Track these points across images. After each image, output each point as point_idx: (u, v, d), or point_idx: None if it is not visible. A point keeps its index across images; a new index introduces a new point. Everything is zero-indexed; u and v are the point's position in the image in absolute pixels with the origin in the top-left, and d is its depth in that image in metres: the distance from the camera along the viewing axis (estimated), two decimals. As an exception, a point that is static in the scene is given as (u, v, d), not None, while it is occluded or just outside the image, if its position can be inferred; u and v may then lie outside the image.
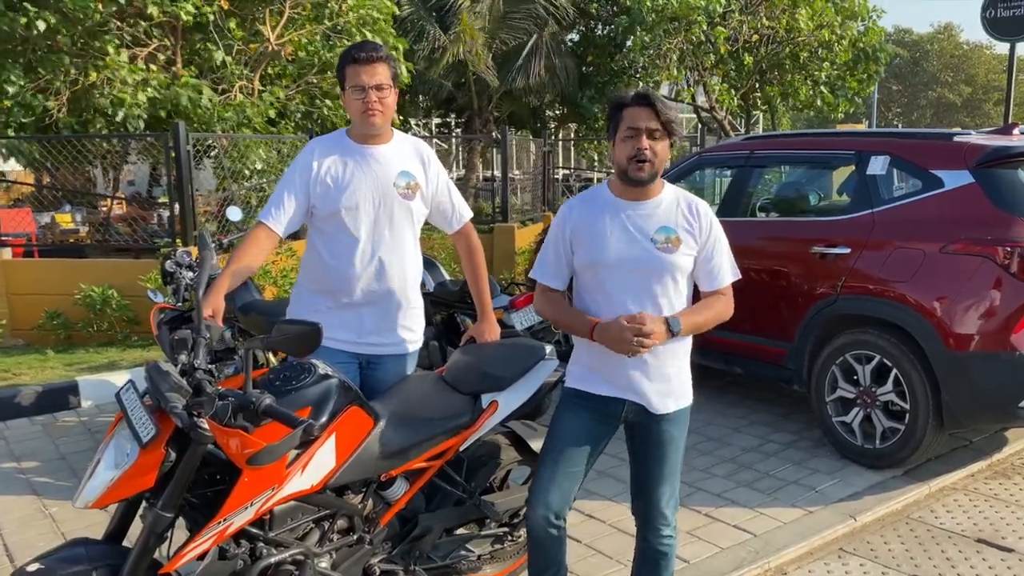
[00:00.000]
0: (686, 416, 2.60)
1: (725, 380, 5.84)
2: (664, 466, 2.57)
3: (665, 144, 2.42)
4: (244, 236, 2.82)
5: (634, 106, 2.40)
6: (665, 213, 2.49)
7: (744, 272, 4.79)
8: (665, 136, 2.41)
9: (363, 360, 2.89)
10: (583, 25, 16.85)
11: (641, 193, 2.48)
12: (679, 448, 2.59)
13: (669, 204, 2.50)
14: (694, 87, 16.36)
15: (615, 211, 2.49)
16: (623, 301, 2.44)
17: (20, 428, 5.04)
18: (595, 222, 2.50)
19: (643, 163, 2.38)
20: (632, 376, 2.48)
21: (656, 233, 2.45)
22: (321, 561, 2.47)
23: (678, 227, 2.47)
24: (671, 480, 2.59)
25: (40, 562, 2.09)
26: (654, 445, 2.55)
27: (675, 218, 2.49)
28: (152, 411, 2.11)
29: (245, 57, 9.70)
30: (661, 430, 2.54)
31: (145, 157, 10.83)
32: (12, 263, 7.21)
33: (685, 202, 2.52)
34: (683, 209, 2.51)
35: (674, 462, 2.59)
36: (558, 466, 2.52)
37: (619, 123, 2.42)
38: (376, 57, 2.71)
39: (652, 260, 2.44)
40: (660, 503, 2.58)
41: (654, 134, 2.39)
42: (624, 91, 2.47)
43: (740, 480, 4.22)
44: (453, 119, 18.26)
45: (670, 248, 2.45)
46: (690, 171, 5.79)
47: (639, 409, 2.52)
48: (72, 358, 6.31)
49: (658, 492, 2.58)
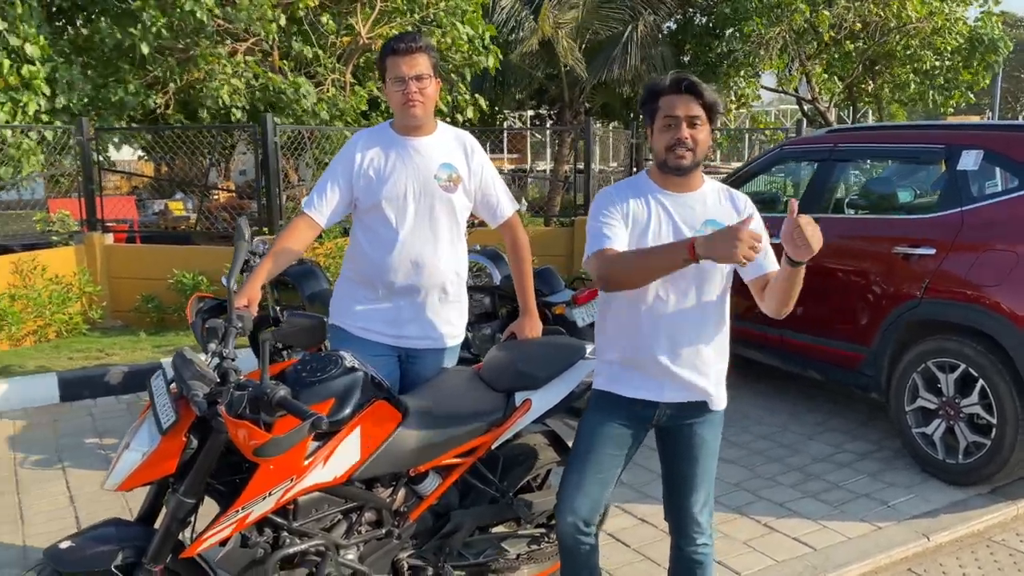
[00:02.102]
0: (719, 420, 2.50)
1: (802, 384, 5.60)
2: (697, 472, 2.47)
3: (707, 132, 2.31)
4: (286, 225, 2.85)
5: (671, 93, 2.28)
6: (712, 205, 2.40)
7: (822, 271, 4.64)
8: (706, 123, 2.30)
9: (402, 353, 2.88)
10: (681, 13, 16.45)
11: (684, 184, 2.38)
12: (713, 452, 2.49)
13: (714, 196, 2.42)
14: (796, 76, 15.73)
15: (658, 201, 2.39)
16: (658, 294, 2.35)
17: (107, 406, 5.32)
18: (638, 210, 2.38)
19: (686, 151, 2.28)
20: (676, 367, 2.38)
21: (703, 226, 2.34)
22: (348, 553, 2.48)
23: (724, 220, 2.35)
24: (705, 486, 2.49)
25: (72, 540, 2.18)
26: (687, 449, 2.46)
27: (719, 210, 2.39)
28: (176, 399, 2.15)
29: (338, 51, 9.92)
30: (694, 433, 2.45)
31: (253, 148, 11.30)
32: (113, 248, 7.60)
33: (727, 194, 2.44)
34: (727, 201, 2.43)
35: (708, 467, 2.48)
36: (586, 472, 2.44)
37: (656, 112, 2.31)
38: (416, 47, 2.68)
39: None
40: (693, 510, 2.48)
41: (695, 121, 2.27)
42: (660, 77, 2.35)
43: (807, 490, 4.01)
44: (546, 110, 18.19)
45: None
46: (770, 164, 5.56)
47: (672, 412, 2.42)
48: (162, 340, 6.61)
49: (691, 499, 2.48)
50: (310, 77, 9.58)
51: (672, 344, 2.37)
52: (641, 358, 2.41)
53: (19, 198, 9.42)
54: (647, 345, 2.38)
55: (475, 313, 5.08)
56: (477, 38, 10.00)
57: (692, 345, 2.38)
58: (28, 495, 3.96)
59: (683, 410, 2.44)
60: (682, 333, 2.37)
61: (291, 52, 9.59)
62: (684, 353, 2.38)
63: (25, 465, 4.33)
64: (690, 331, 2.37)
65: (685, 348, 2.37)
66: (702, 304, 2.38)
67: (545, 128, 19.72)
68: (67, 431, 4.84)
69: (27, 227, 7.97)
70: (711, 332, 2.41)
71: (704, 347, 2.40)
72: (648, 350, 2.38)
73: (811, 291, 4.66)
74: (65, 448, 4.56)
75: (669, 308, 2.35)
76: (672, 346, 2.37)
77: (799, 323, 4.84)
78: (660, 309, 2.36)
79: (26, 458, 4.42)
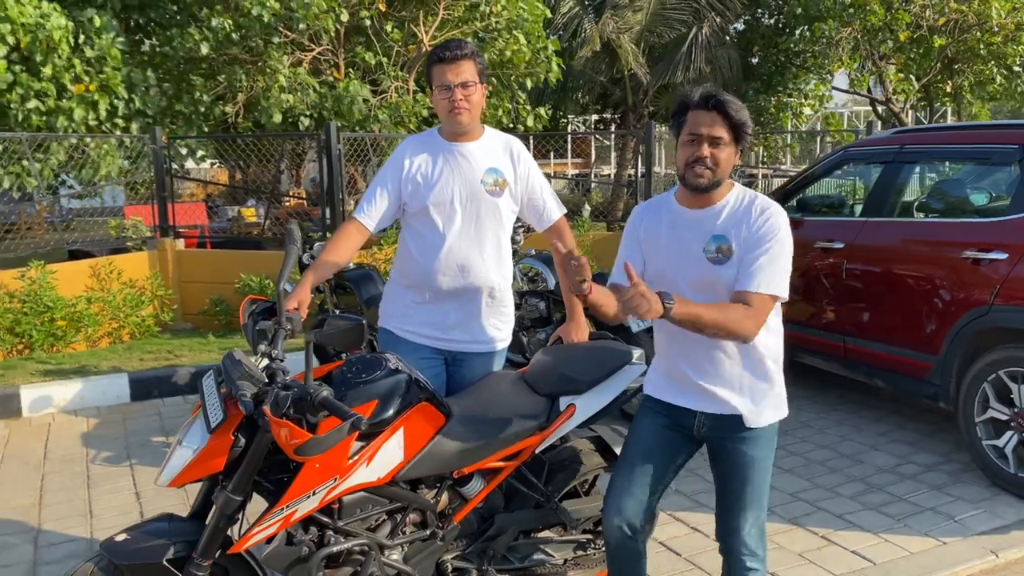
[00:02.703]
0: (767, 437, 2.38)
1: (866, 393, 5.44)
2: (743, 490, 2.37)
3: (730, 151, 2.24)
4: (336, 231, 2.91)
5: (698, 109, 2.23)
6: (724, 220, 2.29)
7: (888, 277, 4.51)
8: (731, 143, 2.23)
9: (448, 356, 2.91)
10: (749, 14, 16.19)
11: (703, 200, 2.32)
12: (761, 471, 2.37)
13: (731, 209, 2.29)
14: (869, 76, 15.30)
15: (673, 218, 2.36)
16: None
17: (174, 405, 5.51)
18: (656, 228, 2.38)
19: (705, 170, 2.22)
20: (703, 382, 2.34)
21: (708, 243, 2.28)
22: (392, 553, 2.51)
23: (732, 235, 2.26)
24: (753, 507, 2.38)
25: (128, 533, 2.26)
26: (732, 466, 2.38)
27: (733, 225, 2.27)
28: (224, 398, 2.21)
29: (402, 59, 10.08)
30: (737, 449, 2.36)
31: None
32: (184, 253, 7.87)
33: (748, 205, 2.29)
34: (742, 212, 2.28)
35: (755, 486, 2.37)
36: (633, 474, 2.43)
37: (682, 125, 2.28)
38: (461, 55, 2.71)
39: (702, 272, 2.29)
40: (741, 532, 2.39)
41: (717, 142, 2.21)
42: (691, 90, 2.29)
43: (868, 502, 3.89)
44: (610, 114, 18.11)
45: (720, 258, 2.26)
46: (834, 167, 5.41)
47: (710, 424, 2.37)
48: (228, 343, 6.80)
49: (738, 520, 2.39)
50: (374, 85, 9.76)
51: (690, 358, 2.35)
52: (673, 367, 2.41)
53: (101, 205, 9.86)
54: (674, 356, 2.39)
55: (530, 318, 5.09)
56: (541, 48, 10.03)
57: (712, 359, 2.32)
58: (97, 490, 4.13)
59: (721, 423, 2.37)
60: (696, 348, 2.32)
61: (356, 60, 9.78)
62: (705, 367, 2.33)
63: (96, 462, 4.51)
64: (705, 346, 2.30)
65: (704, 362, 2.33)
66: None
67: (608, 132, 19.61)
68: (136, 429, 5.02)
69: (106, 233, 8.32)
70: (733, 347, 2.30)
71: (728, 361, 2.31)
72: (676, 360, 2.38)
73: (876, 297, 4.55)
74: (133, 446, 4.74)
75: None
76: (691, 359, 2.35)
77: (863, 330, 4.72)
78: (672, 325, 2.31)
79: (97, 455, 4.61)
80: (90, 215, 10.82)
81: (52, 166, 7.87)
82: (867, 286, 4.69)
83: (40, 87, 7.92)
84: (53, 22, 7.76)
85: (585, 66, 13.89)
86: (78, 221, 13.09)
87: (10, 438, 4.93)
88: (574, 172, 24.80)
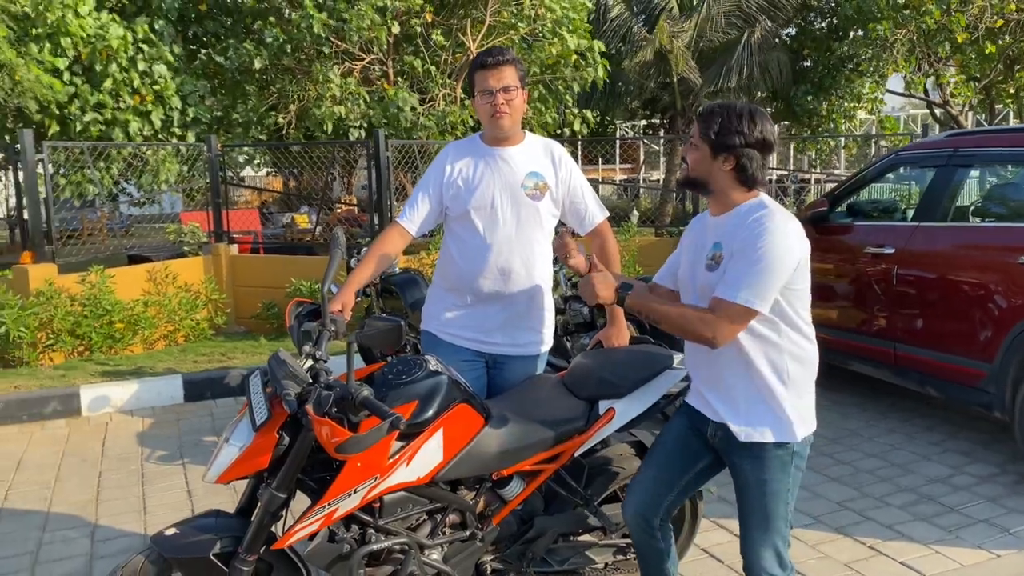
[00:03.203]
0: (778, 458, 2.24)
1: (920, 402, 5.32)
2: (753, 514, 2.29)
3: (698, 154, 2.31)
4: (379, 234, 2.97)
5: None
6: (726, 226, 2.26)
7: (940, 283, 4.41)
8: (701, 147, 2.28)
9: (489, 359, 2.94)
10: (801, 18, 15.96)
11: (723, 205, 2.30)
12: (769, 495, 2.25)
13: (735, 217, 2.25)
14: (925, 79, 14.95)
15: (701, 227, 2.41)
16: None
17: (226, 406, 5.64)
18: (688, 237, 2.46)
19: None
20: (704, 389, 2.36)
21: (710, 250, 2.28)
22: (432, 553, 2.54)
23: (728, 241, 2.22)
24: (763, 529, 2.28)
25: (177, 527, 2.33)
26: (741, 486, 2.32)
27: (731, 231, 2.22)
28: (270, 397, 2.27)
29: (450, 67, 10.18)
30: (744, 469, 2.29)
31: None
32: (238, 258, 8.06)
33: (748, 210, 2.23)
34: (741, 219, 2.23)
35: (765, 511, 2.26)
36: (652, 471, 2.47)
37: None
38: (503, 60, 2.74)
39: (701, 277, 2.30)
40: (755, 552, 2.31)
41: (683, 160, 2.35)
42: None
43: (918, 513, 3.81)
44: (659, 119, 18.01)
45: (713, 266, 2.24)
46: (885, 171, 5.32)
47: (722, 435, 2.32)
48: (279, 345, 6.94)
49: (749, 541, 2.33)
50: (423, 93, 9.88)
51: (698, 366, 2.38)
52: (693, 373, 2.44)
53: (160, 212, 10.16)
54: (691, 364, 2.44)
55: (574, 323, 5.08)
56: (587, 50, 10.05)
57: (714, 369, 2.31)
58: (151, 487, 4.25)
59: (728, 436, 2.30)
60: (704, 357, 2.32)
61: (405, 69, 9.92)
62: (709, 375, 2.34)
63: (150, 460, 4.65)
64: (709, 355, 2.28)
65: (707, 370, 2.34)
66: None
67: (657, 137, 19.50)
68: (188, 429, 5.16)
69: (164, 239, 8.58)
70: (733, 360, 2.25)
71: (727, 372, 2.27)
72: (693, 367, 2.43)
73: (928, 303, 4.45)
74: (186, 445, 4.87)
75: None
76: (699, 368, 2.37)
77: (914, 336, 4.62)
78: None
79: (151, 453, 4.75)
80: (149, 221, 11.14)
81: (112, 174, 8.15)
82: (919, 292, 4.59)
83: (98, 98, 8.21)
84: (112, 32, 8.03)
85: (634, 71, 13.84)
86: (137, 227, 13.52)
87: (70, 436, 5.11)
88: (622, 178, 24.70)
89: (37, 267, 6.51)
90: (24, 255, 6.74)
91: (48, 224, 6.76)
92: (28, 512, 3.97)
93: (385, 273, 5.04)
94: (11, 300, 6.13)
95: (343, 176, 16.79)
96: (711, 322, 2.15)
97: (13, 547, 3.61)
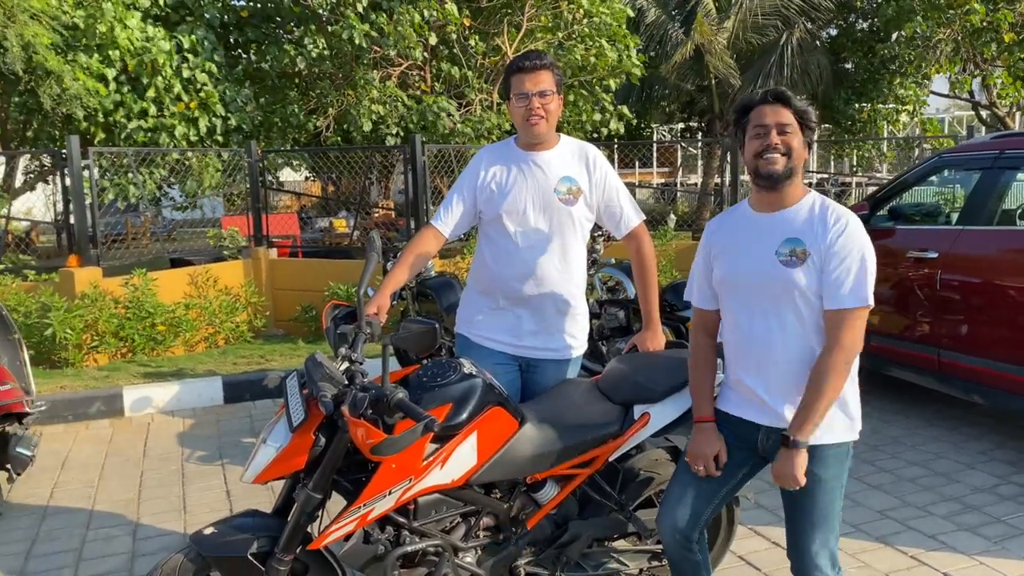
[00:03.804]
0: (838, 456, 2.27)
1: (964, 409, 5.21)
2: (811, 512, 2.29)
3: (800, 139, 2.23)
4: (414, 236, 2.99)
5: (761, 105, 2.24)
6: (797, 222, 2.24)
7: (986, 287, 4.31)
8: (799, 132, 2.22)
9: (523, 363, 2.94)
10: (842, 19, 15.74)
11: (775, 201, 2.27)
12: (828, 491, 2.27)
13: (804, 213, 2.25)
14: (970, 79, 14.64)
15: (746, 223, 2.33)
16: (744, 319, 2.30)
17: (264, 408, 5.72)
18: (728, 237, 2.37)
19: (776, 155, 2.20)
20: (767, 396, 2.29)
21: (782, 245, 2.23)
22: (466, 556, 2.54)
23: (807, 237, 2.21)
24: (821, 528, 2.29)
25: (215, 527, 2.36)
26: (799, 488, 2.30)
27: (805, 228, 2.23)
28: (306, 399, 2.30)
29: (486, 71, 10.22)
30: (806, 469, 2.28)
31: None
32: (277, 262, 8.17)
33: (823, 209, 2.24)
34: (817, 217, 2.23)
35: (824, 508, 2.28)
36: (689, 484, 2.41)
37: (746, 126, 2.27)
38: (540, 64, 2.74)
39: (773, 274, 2.23)
40: (810, 550, 2.31)
41: (785, 128, 2.20)
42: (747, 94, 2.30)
43: (962, 523, 3.72)
44: (696, 122, 17.88)
45: (794, 261, 2.21)
46: (928, 174, 5.21)
47: (776, 440, 2.28)
48: (317, 348, 7.01)
49: (805, 541, 2.31)
50: (459, 97, 9.93)
51: (759, 370, 2.30)
52: (739, 380, 2.37)
53: (202, 217, 10.36)
54: (740, 369, 2.35)
55: (609, 327, 5.07)
56: (624, 51, 10.02)
57: (780, 373, 2.26)
58: (191, 487, 4.32)
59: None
60: (768, 360, 2.27)
61: (441, 73, 9.98)
62: (770, 381, 2.28)
63: (190, 460, 4.73)
64: (776, 359, 2.25)
65: (770, 376, 2.28)
66: (787, 331, 2.24)
67: (695, 140, 19.35)
68: (227, 430, 5.24)
69: (205, 243, 8.73)
70: (802, 360, 2.23)
71: (793, 376, 2.24)
72: (742, 374, 2.34)
73: (973, 308, 4.36)
74: (225, 446, 4.94)
75: (755, 333, 2.28)
76: (759, 372, 2.29)
77: (959, 343, 4.53)
78: (746, 334, 2.30)
79: (192, 453, 4.83)
80: (191, 226, 11.34)
81: (156, 180, 8.31)
82: (963, 297, 4.49)
83: (142, 106, 8.39)
84: (157, 45, 8.21)
85: (671, 73, 13.76)
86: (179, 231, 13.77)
87: (113, 436, 5.21)
88: (659, 181, 24.57)
89: (83, 270, 6.67)
90: (70, 259, 6.90)
91: (93, 228, 6.91)
92: (73, 510, 4.06)
93: (420, 276, 5.07)
94: (58, 302, 6.29)
95: (380, 181, 16.94)
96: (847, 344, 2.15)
97: (59, 543, 3.70)
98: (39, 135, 9.57)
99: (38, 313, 6.34)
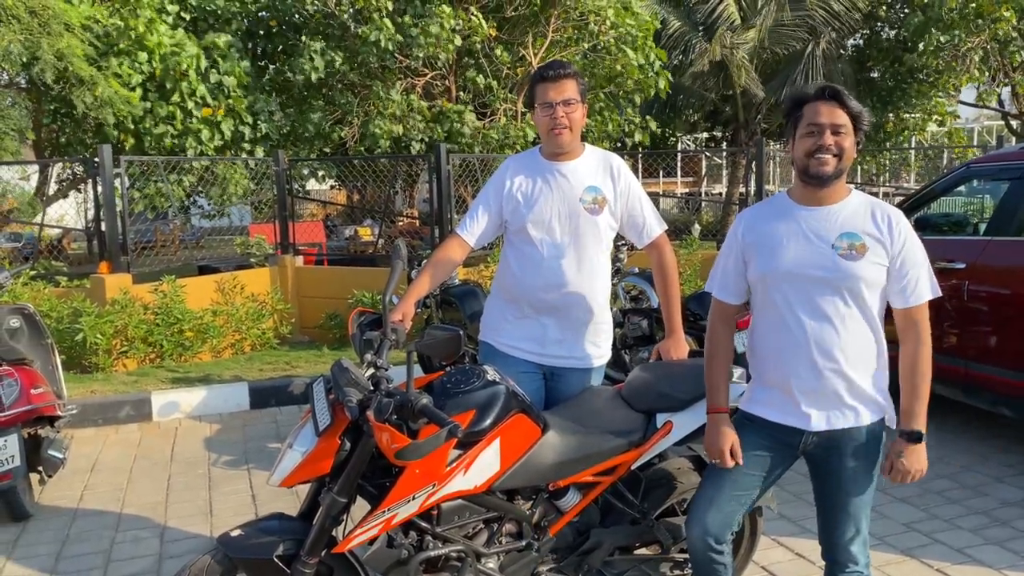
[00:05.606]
0: (875, 440, 2.34)
1: (991, 422, 5.14)
2: (848, 501, 2.34)
3: (852, 141, 2.22)
4: (439, 245, 3.02)
5: (817, 101, 2.22)
6: (850, 218, 2.26)
7: (1014, 299, 4.27)
8: (851, 133, 2.22)
9: (547, 371, 2.95)
10: (868, 28, 15.65)
11: (823, 196, 2.28)
12: (866, 481, 2.34)
13: (855, 209, 2.28)
14: (999, 89, 14.49)
15: (791, 216, 2.31)
16: (796, 315, 2.28)
17: (289, 413, 5.78)
18: (769, 229, 2.33)
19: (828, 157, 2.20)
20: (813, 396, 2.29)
21: (838, 239, 2.24)
22: (488, 561, 2.56)
23: (864, 233, 2.23)
24: (857, 516, 2.36)
25: (241, 529, 2.40)
26: (836, 479, 2.34)
27: (861, 224, 2.25)
28: (332, 404, 2.33)
29: (511, 81, 10.28)
30: (843, 462, 2.32)
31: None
32: (302, 269, 8.25)
33: (872, 208, 2.28)
34: (871, 215, 2.26)
35: (860, 496, 2.34)
36: (722, 488, 2.41)
37: (799, 121, 2.26)
38: (564, 74, 2.77)
39: (833, 267, 2.23)
40: (845, 540, 2.37)
41: (839, 130, 2.20)
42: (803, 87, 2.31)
43: (990, 536, 3.68)
44: (720, 132, 17.83)
45: (854, 255, 2.22)
46: (955, 184, 5.17)
47: (818, 440, 2.31)
48: (342, 354, 7.06)
49: (841, 530, 2.37)
50: (484, 107, 9.99)
51: (816, 370, 2.28)
52: (787, 383, 2.34)
53: (229, 224, 10.49)
54: (793, 370, 2.31)
55: (632, 336, 5.07)
56: (647, 65, 10.03)
57: (838, 370, 2.27)
58: (217, 491, 4.38)
59: (830, 438, 2.33)
60: (827, 358, 2.27)
61: (467, 84, 10.05)
62: (830, 378, 2.27)
63: (217, 465, 4.79)
64: (835, 355, 2.26)
65: (830, 373, 2.27)
66: (848, 325, 2.26)
67: (720, 150, 19.29)
68: (253, 435, 5.30)
69: (232, 250, 8.84)
70: (860, 352, 2.28)
71: (851, 370, 2.27)
72: (785, 379, 2.32)
73: (1001, 320, 4.32)
74: (251, 451, 5.00)
75: (812, 332, 2.27)
76: (816, 372, 2.28)
77: (986, 355, 4.48)
78: (803, 332, 2.28)
79: (218, 458, 4.89)
80: (219, 233, 11.47)
81: (184, 187, 8.44)
82: (991, 308, 4.45)
83: (168, 111, 8.52)
84: (185, 50, 8.35)
85: (695, 83, 13.75)
86: (208, 239, 13.94)
87: (142, 440, 5.29)
88: (684, 191, 24.50)
89: (113, 277, 6.78)
90: (101, 265, 7.03)
91: (124, 236, 7.03)
92: (103, 512, 4.13)
93: (445, 284, 5.11)
94: (89, 308, 6.40)
95: (405, 190, 17.05)
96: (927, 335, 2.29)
97: (88, 545, 3.76)
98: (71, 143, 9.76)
99: (69, 318, 6.46)
